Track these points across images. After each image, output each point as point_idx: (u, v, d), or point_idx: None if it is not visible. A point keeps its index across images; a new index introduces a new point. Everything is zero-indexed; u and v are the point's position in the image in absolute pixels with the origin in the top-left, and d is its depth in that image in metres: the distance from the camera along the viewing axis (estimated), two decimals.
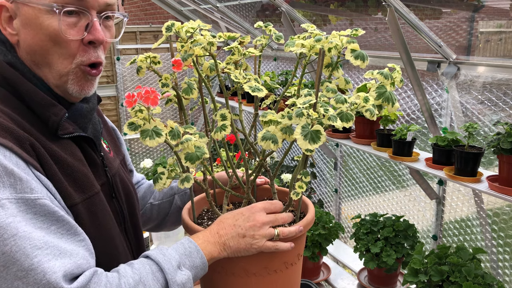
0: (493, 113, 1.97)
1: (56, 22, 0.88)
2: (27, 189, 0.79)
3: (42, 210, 0.79)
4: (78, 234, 0.84)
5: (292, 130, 0.92)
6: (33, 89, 0.90)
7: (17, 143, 0.82)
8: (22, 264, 0.74)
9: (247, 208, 0.98)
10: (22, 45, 0.91)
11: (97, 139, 1.02)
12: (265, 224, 0.95)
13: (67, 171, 0.90)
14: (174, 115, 4.76)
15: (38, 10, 0.87)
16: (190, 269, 0.89)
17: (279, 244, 0.95)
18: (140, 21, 8.60)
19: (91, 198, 0.93)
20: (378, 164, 2.88)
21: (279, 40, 1.07)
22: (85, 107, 0.99)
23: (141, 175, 1.39)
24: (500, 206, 2.14)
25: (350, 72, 2.80)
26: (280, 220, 0.98)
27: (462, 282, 1.58)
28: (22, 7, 0.88)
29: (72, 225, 0.83)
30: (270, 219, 0.96)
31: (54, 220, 0.81)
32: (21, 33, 0.90)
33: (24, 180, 0.79)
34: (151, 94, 0.85)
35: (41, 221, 0.79)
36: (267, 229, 0.94)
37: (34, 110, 0.90)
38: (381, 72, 0.96)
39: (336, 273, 2.36)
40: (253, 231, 0.94)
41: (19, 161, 0.80)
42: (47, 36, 0.88)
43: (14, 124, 0.84)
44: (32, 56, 0.91)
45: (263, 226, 0.94)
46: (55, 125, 0.90)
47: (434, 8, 2.22)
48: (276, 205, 1.00)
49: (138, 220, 1.13)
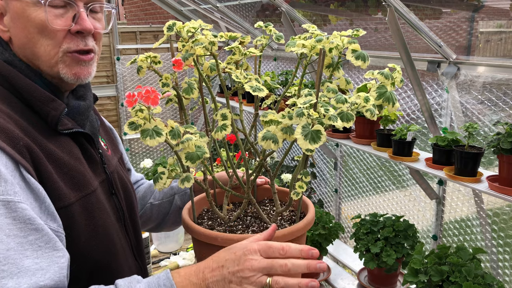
0: (493, 113, 1.98)
1: (43, 14, 0.89)
2: (10, 191, 0.75)
3: (22, 216, 0.75)
4: (57, 249, 0.78)
5: (292, 130, 0.92)
6: (32, 85, 0.90)
7: (10, 144, 0.81)
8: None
9: (241, 246, 0.82)
10: (14, 40, 0.92)
11: (95, 136, 1.03)
12: (256, 271, 0.78)
13: (64, 169, 0.89)
14: (174, 115, 4.76)
15: (25, 3, 0.89)
16: None
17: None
18: (140, 21, 8.60)
19: (87, 197, 0.93)
20: (378, 164, 2.88)
21: (279, 40, 1.07)
22: (82, 104, 0.99)
23: (140, 174, 1.39)
24: (500, 206, 2.14)
25: (351, 72, 2.80)
26: (278, 269, 0.79)
27: (462, 282, 1.58)
28: (10, 3, 0.90)
29: (52, 238, 0.78)
30: (264, 266, 0.79)
31: (33, 229, 0.76)
32: (12, 29, 0.91)
33: (9, 182, 0.76)
34: (152, 94, 0.85)
35: (18, 228, 0.74)
36: (258, 277, 0.78)
37: (33, 107, 0.90)
38: (382, 72, 0.96)
39: (336, 273, 2.36)
40: (240, 277, 0.78)
41: (9, 162, 0.79)
42: (35, 28, 0.90)
43: (11, 123, 0.84)
44: (23, 50, 0.92)
45: (254, 274, 0.78)
46: (55, 119, 0.91)
47: (434, 8, 2.22)
48: (275, 248, 0.81)
49: (136, 216, 1.14)
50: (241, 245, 0.82)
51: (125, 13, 9.67)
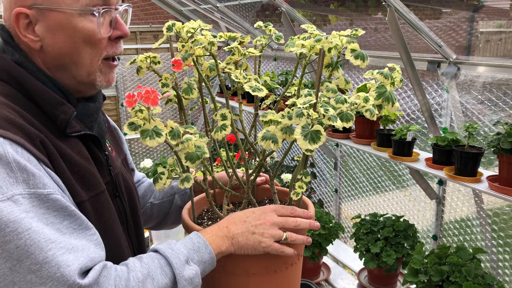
0: (493, 113, 1.98)
1: (90, 24, 0.91)
2: (39, 184, 0.79)
3: (55, 205, 0.80)
4: (89, 228, 0.85)
5: (292, 130, 0.92)
6: (42, 87, 0.91)
7: (29, 140, 0.83)
8: (36, 257, 0.75)
9: (258, 208, 0.98)
10: (48, 49, 0.92)
11: (102, 138, 1.03)
12: (275, 224, 0.94)
13: (75, 169, 0.91)
14: (174, 115, 4.76)
15: (70, 14, 0.89)
16: (198, 264, 0.89)
17: (285, 248, 0.94)
18: (140, 21, 8.60)
19: (97, 196, 0.94)
20: (378, 164, 2.88)
21: (279, 40, 1.07)
22: (91, 106, 1.00)
23: (142, 174, 1.39)
24: (500, 206, 2.14)
25: (350, 72, 2.80)
26: (291, 223, 0.96)
27: (462, 282, 1.58)
28: (48, 13, 0.89)
29: (83, 220, 0.85)
30: (281, 221, 0.95)
31: (66, 215, 0.82)
32: (48, 38, 0.91)
33: (37, 175, 0.80)
34: (151, 94, 0.85)
35: (53, 216, 0.80)
36: (276, 229, 0.94)
37: (43, 108, 0.91)
38: (381, 72, 0.96)
39: (336, 273, 2.36)
40: (262, 229, 0.93)
41: (31, 157, 0.81)
42: (81, 38, 0.91)
43: (25, 121, 0.85)
44: (60, 59, 0.93)
45: (273, 226, 0.94)
46: (64, 123, 0.92)
47: (434, 8, 2.22)
48: (287, 209, 0.99)
49: (139, 219, 1.14)
50: (257, 208, 0.99)
51: None
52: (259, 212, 0.96)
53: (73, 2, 0.89)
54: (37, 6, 0.88)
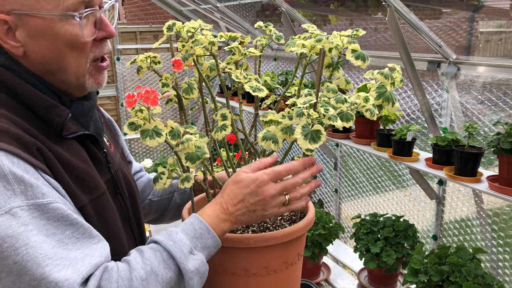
0: (493, 113, 1.98)
1: (72, 28, 0.87)
2: (38, 194, 0.78)
3: (55, 215, 0.79)
4: (93, 236, 0.84)
5: (292, 130, 0.92)
6: (32, 90, 0.88)
7: (24, 149, 0.81)
8: (34, 273, 0.74)
9: (253, 179, 0.90)
10: (31, 55, 0.88)
11: (99, 136, 1.02)
12: (274, 196, 0.90)
13: (74, 173, 0.89)
14: (174, 115, 4.76)
15: (50, 20, 0.85)
16: (202, 250, 0.87)
17: (291, 207, 0.92)
18: (140, 21, 8.60)
19: (98, 199, 0.93)
20: (378, 164, 2.88)
21: (279, 40, 1.07)
22: (86, 104, 0.98)
23: (139, 164, 1.37)
24: (500, 206, 2.14)
25: (350, 72, 2.80)
26: (290, 187, 0.91)
27: (462, 282, 1.58)
28: (28, 19, 0.85)
29: (86, 227, 0.83)
30: (279, 189, 0.90)
31: (68, 224, 0.80)
32: (30, 44, 0.87)
33: (35, 185, 0.78)
34: (151, 94, 0.85)
35: (54, 227, 0.78)
36: (277, 199, 0.90)
37: (36, 112, 0.89)
38: (381, 72, 0.96)
39: (336, 273, 2.36)
40: (263, 205, 0.89)
41: (28, 166, 0.80)
42: (63, 43, 0.88)
43: (19, 129, 0.83)
44: (45, 65, 0.90)
45: (273, 198, 0.89)
46: (60, 126, 0.89)
47: (434, 8, 2.22)
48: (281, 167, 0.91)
49: (140, 214, 1.14)
50: (250, 178, 0.90)
51: (125, 13, 9.68)
52: (253, 186, 0.89)
53: (53, 7, 0.85)
54: (15, 11, 0.84)
